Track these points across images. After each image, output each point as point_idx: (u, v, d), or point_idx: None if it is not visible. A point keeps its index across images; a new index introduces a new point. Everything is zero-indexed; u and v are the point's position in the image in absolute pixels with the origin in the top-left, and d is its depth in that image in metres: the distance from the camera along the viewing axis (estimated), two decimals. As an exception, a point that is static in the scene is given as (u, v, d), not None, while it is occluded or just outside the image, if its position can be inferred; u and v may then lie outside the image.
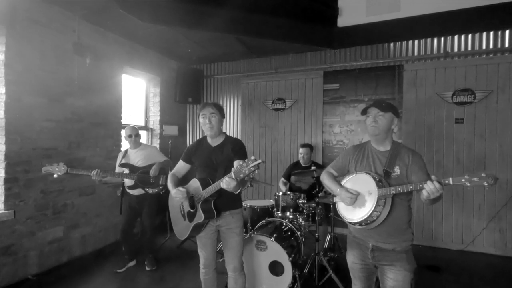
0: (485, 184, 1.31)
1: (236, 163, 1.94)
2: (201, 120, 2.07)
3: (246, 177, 1.74)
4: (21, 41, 2.93)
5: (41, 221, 3.12)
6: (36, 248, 3.08)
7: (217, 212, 2.00)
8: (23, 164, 2.95)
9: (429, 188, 1.41)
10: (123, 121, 4.17)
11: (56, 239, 3.29)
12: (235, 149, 2.05)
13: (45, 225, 3.16)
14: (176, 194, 2.00)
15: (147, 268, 3.22)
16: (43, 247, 3.15)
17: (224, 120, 2.21)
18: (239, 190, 1.83)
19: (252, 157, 1.65)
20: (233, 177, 1.70)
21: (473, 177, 1.33)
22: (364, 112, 1.78)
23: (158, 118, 4.94)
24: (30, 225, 3.02)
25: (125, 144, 4.13)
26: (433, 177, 1.43)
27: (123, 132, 4.14)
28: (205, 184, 1.97)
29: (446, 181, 1.39)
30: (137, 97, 4.93)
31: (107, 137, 3.90)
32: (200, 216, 1.98)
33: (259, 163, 1.62)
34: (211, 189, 1.90)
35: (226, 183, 1.73)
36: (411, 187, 1.49)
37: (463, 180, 1.35)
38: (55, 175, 2.75)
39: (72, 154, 3.41)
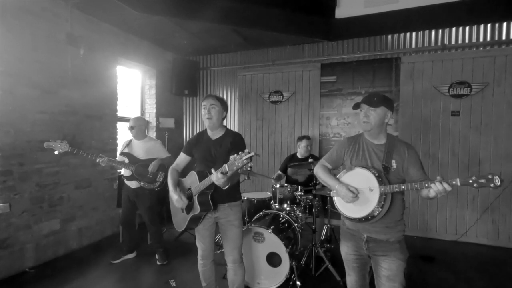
0: (491, 186, 1.32)
1: (231, 157, 1.94)
2: (202, 111, 2.10)
3: (239, 170, 1.74)
4: (12, 30, 2.86)
5: (37, 214, 3.10)
6: (33, 241, 3.07)
7: (214, 205, 2.00)
8: (17, 157, 2.91)
9: (438, 189, 1.41)
10: (119, 114, 4.12)
11: (53, 232, 3.27)
12: (234, 142, 2.05)
13: (41, 218, 3.14)
14: (178, 202, 2.00)
15: (158, 263, 3.19)
16: (40, 240, 3.14)
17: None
18: (228, 185, 1.82)
19: (246, 150, 1.66)
20: (227, 169, 1.70)
21: (480, 178, 1.34)
22: (356, 107, 1.76)
23: (154, 110, 4.89)
24: (26, 218, 3.00)
25: (121, 137, 4.10)
26: (438, 178, 1.42)
27: (119, 125, 4.12)
28: (202, 177, 1.97)
29: (454, 182, 1.39)
30: (133, 89, 4.86)
31: (102, 130, 3.85)
32: (196, 208, 1.99)
33: (251, 156, 1.63)
34: (206, 182, 1.91)
35: (215, 177, 1.73)
36: (416, 185, 1.47)
37: (470, 181, 1.36)
38: (56, 152, 2.78)
39: (67, 147, 3.37)
